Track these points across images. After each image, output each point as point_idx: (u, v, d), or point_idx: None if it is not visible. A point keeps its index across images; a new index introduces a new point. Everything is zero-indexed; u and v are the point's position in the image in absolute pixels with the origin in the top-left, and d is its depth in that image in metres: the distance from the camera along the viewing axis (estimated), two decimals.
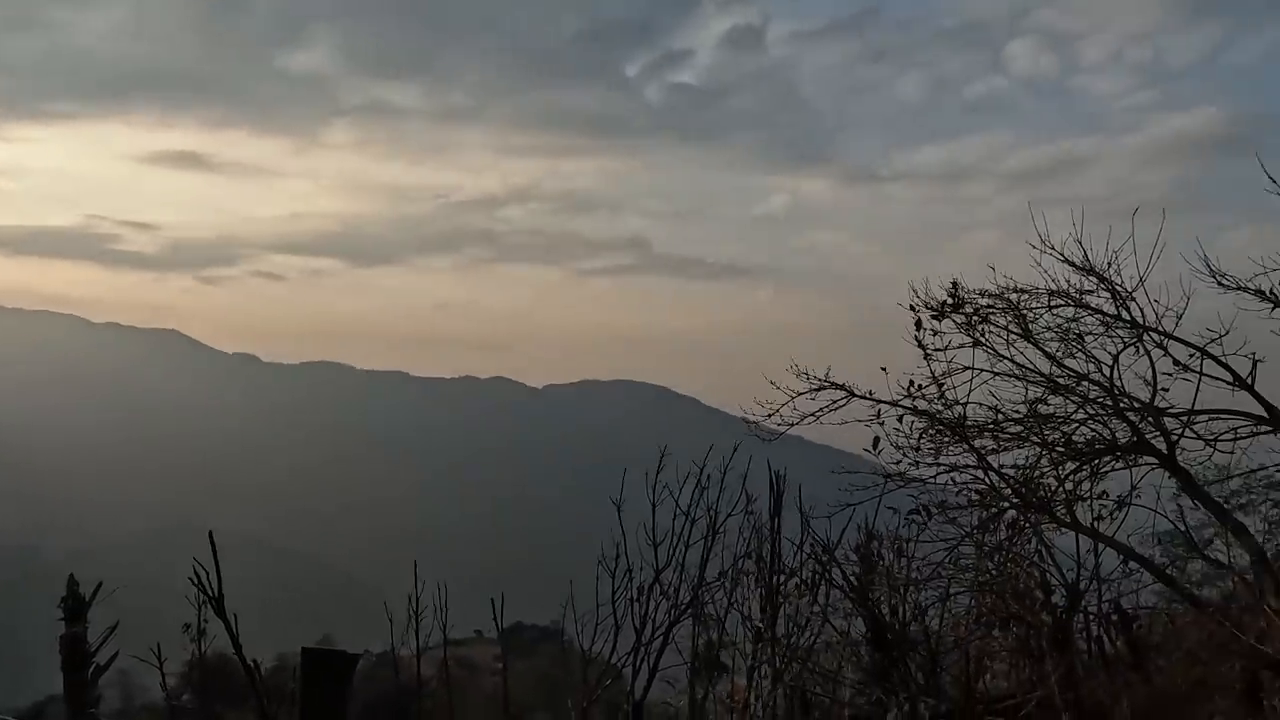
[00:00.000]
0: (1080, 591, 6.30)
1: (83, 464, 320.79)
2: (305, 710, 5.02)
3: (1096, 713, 5.36)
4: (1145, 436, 7.35)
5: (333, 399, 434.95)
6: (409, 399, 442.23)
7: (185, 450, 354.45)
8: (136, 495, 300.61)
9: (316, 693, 5.03)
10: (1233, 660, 6.30)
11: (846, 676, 6.16)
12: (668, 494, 9.33)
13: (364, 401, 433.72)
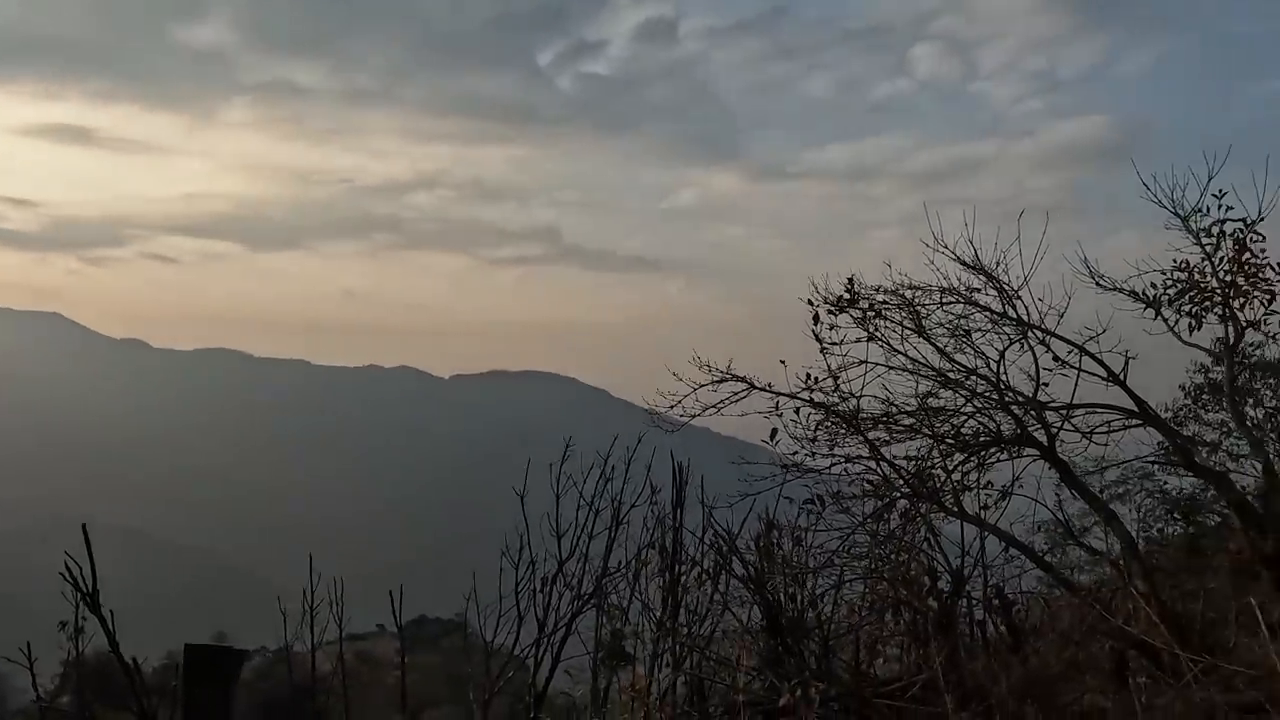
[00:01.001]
0: (965, 578, 6.57)
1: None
2: (189, 709, 4.83)
3: (977, 692, 5.59)
4: (1028, 429, 7.69)
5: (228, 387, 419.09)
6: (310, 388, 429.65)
7: (69, 440, 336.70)
8: (12, 488, 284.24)
9: (200, 691, 4.85)
10: (1103, 641, 6.67)
11: (742, 663, 6.28)
12: (572, 485, 9.35)
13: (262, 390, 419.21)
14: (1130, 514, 21.99)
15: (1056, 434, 7.68)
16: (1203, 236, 7.75)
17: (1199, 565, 7.61)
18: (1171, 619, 6.59)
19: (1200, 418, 23.15)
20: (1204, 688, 5.82)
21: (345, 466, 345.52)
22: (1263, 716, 5.49)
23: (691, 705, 6.33)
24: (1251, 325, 7.63)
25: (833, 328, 7.27)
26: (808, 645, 6.26)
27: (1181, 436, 7.50)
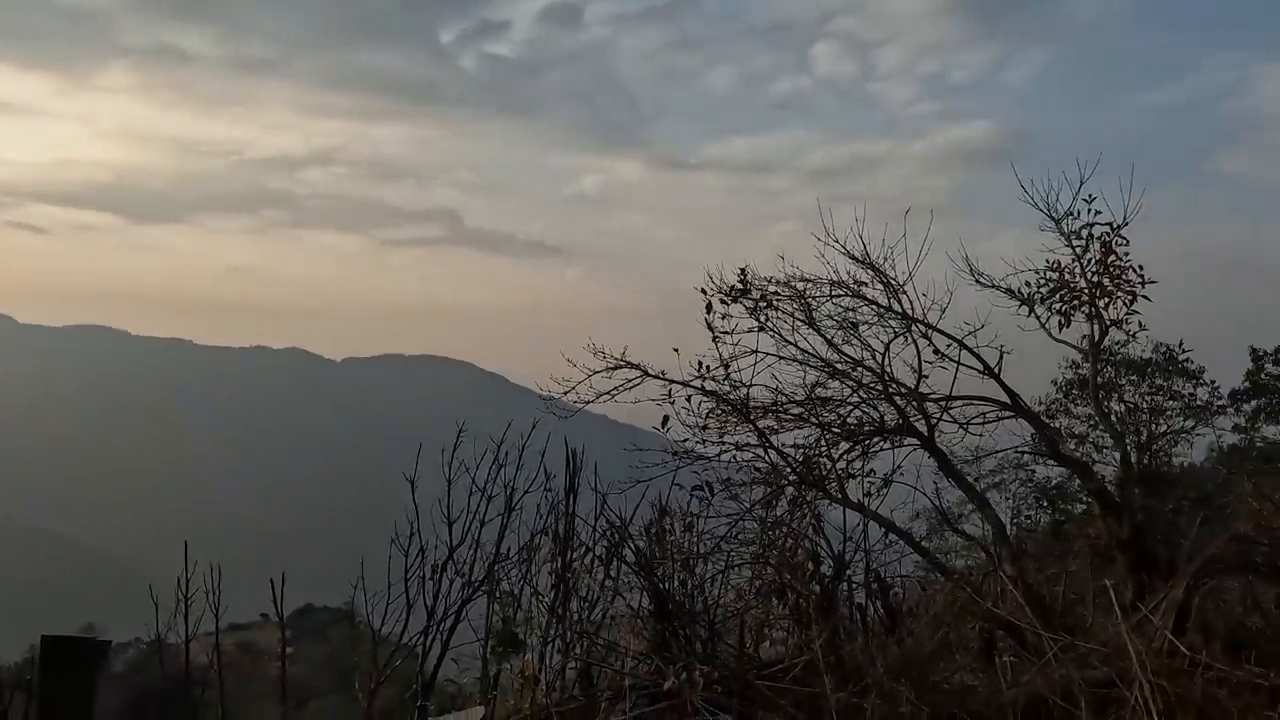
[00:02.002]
0: (846, 563, 6.80)
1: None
2: (44, 703, 4.58)
3: (855, 673, 5.79)
4: (910, 419, 7.99)
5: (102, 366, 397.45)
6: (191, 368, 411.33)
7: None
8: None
9: (57, 684, 4.59)
10: (973, 622, 7.00)
11: (629, 648, 6.34)
12: (465, 471, 9.24)
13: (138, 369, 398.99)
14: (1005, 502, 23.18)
15: (936, 424, 8.00)
16: (1073, 239, 8.20)
17: (1062, 550, 8.07)
18: (1036, 600, 6.97)
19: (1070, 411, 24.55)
20: (1062, 665, 6.17)
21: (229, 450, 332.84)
22: (1113, 690, 5.86)
23: (578, 690, 6.35)
24: (1115, 324, 8.12)
25: (725, 317, 7.40)
26: (694, 629, 6.37)
27: (1049, 428, 7.93)
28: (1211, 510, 7.70)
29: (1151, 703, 5.44)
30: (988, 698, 6.20)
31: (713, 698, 5.60)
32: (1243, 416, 27.12)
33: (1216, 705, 5.86)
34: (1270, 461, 12.16)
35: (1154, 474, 7.84)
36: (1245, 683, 5.92)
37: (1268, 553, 7.16)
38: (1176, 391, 23.40)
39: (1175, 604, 6.48)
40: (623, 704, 5.56)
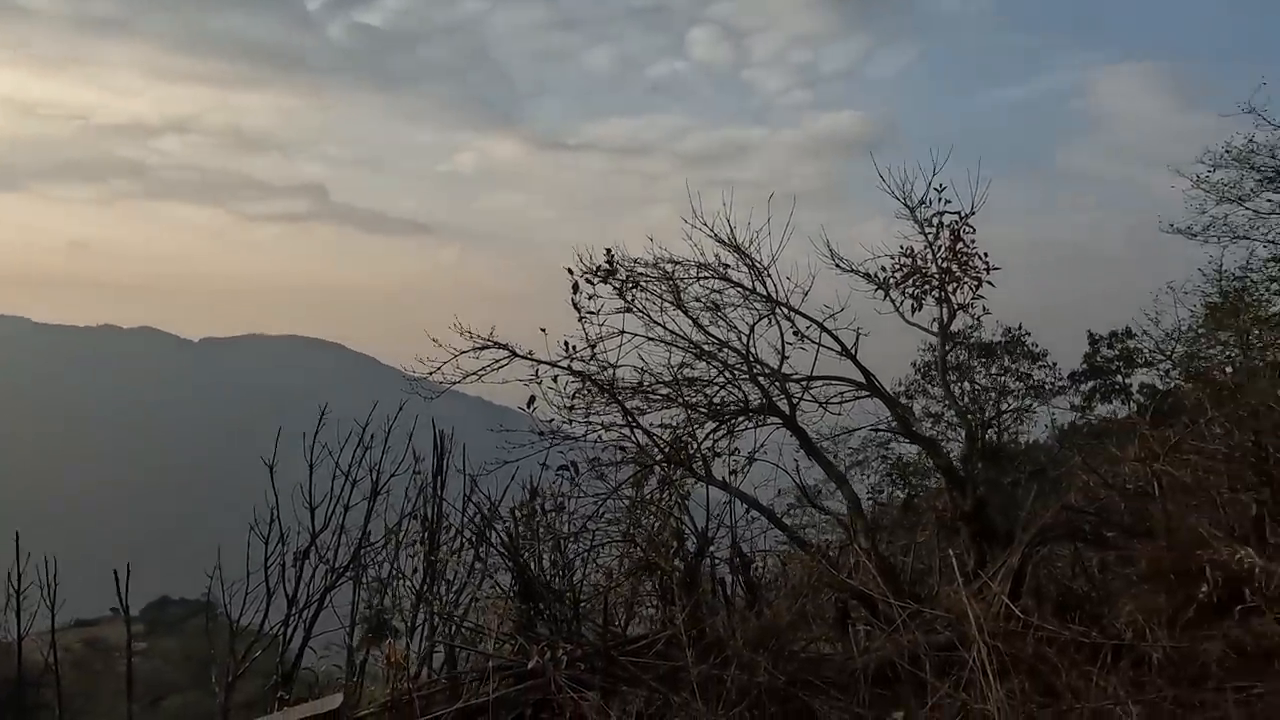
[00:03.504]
0: (710, 539, 6.96)
1: None
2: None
3: (716, 645, 5.96)
4: (772, 399, 8.22)
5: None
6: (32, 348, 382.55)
7: None
8: None
9: None
10: (829, 593, 7.30)
11: (495, 629, 6.33)
12: (328, 455, 8.96)
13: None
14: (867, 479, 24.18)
15: (797, 404, 8.27)
16: (925, 227, 8.61)
17: (913, 523, 8.50)
18: (888, 571, 7.31)
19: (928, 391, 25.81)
20: (910, 631, 6.52)
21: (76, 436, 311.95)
22: (955, 653, 6.23)
23: (443, 673, 6.30)
24: (962, 308, 8.58)
25: (592, 297, 7.42)
26: (560, 609, 6.40)
27: (901, 407, 8.31)
28: (1046, 483, 8.27)
29: (988, 663, 5.81)
30: (841, 664, 6.49)
31: (577, 675, 5.65)
32: (1079, 396, 29.23)
33: (1045, 662, 6.30)
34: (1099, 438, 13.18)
35: (995, 450, 8.37)
36: (1071, 641, 6.40)
37: (1094, 522, 7.74)
38: (1021, 373, 24.99)
39: (1011, 571, 6.92)
40: (487, 685, 5.54)
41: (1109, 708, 5.85)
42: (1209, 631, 6.30)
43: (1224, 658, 6.08)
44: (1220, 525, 7.50)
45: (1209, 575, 6.52)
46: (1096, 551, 7.49)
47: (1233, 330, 15.69)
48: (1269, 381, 8.52)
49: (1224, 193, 30.57)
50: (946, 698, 5.99)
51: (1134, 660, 6.29)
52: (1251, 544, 7.34)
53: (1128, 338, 28.14)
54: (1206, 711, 5.78)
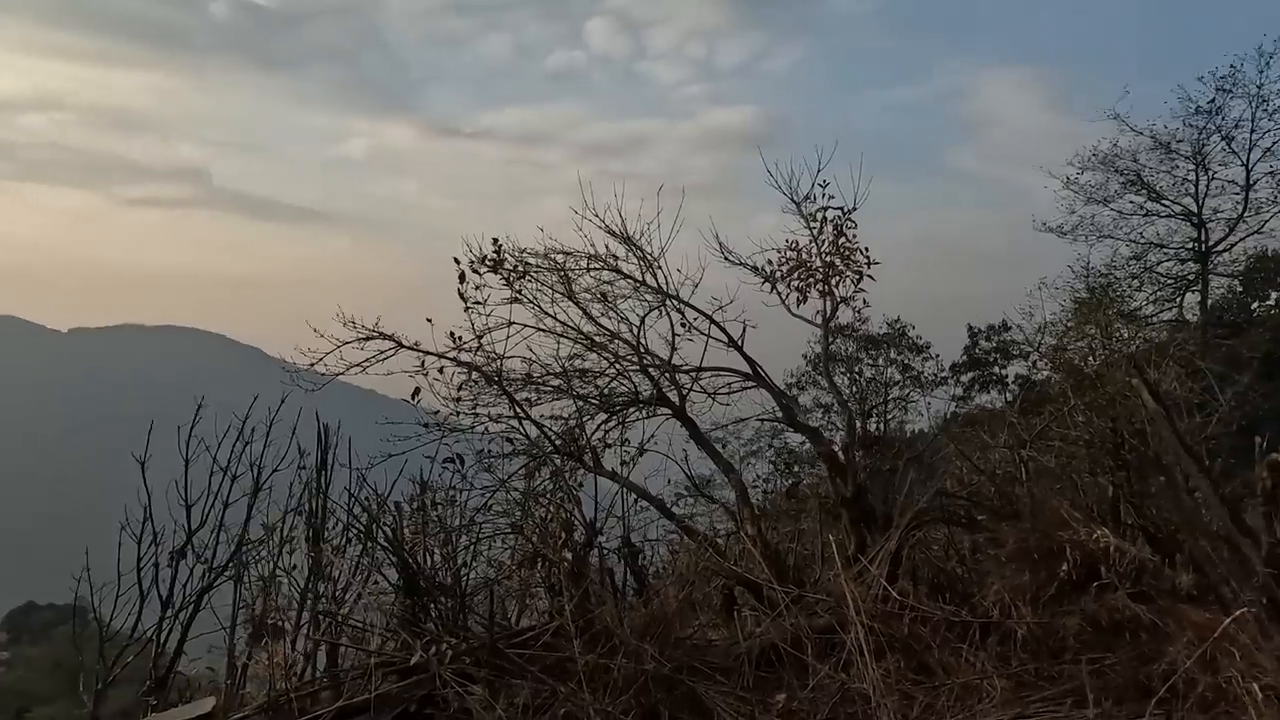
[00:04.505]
0: (598, 530, 7.00)
1: None
2: None
3: (603, 635, 5.99)
4: (663, 390, 8.31)
5: None
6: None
7: None
8: None
9: None
10: (716, 580, 7.44)
11: (379, 627, 6.22)
12: (204, 449, 8.62)
13: None
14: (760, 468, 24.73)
15: (687, 394, 8.39)
16: (810, 221, 8.84)
17: (797, 510, 8.73)
18: (773, 557, 7.49)
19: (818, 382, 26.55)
20: (792, 615, 6.71)
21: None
22: (836, 635, 6.44)
23: (325, 672, 6.15)
24: (844, 301, 8.86)
25: (479, 288, 7.34)
26: (446, 603, 6.33)
27: (787, 397, 8.52)
28: (923, 470, 8.61)
29: (865, 643, 6.03)
30: (726, 649, 6.62)
31: (463, 669, 5.60)
32: (960, 387, 30.61)
33: (919, 641, 6.59)
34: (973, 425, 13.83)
35: (875, 438, 8.68)
36: (943, 620, 6.70)
37: (966, 506, 8.10)
38: (905, 364, 26.01)
39: (889, 554, 7.19)
40: (368, 683, 5.44)
41: (977, 682, 6.16)
42: (1068, 607, 6.67)
43: (1080, 631, 6.46)
44: (1080, 507, 7.96)
45: (1069, 554, 6.89)
46: (968, 534, 7.84)
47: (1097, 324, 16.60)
48: (1125, 372, 9.05)
49: (1091, 194, 32.57)
50: (827, 678, 6.19)
51: (1001, 636, 6.62)
52: (1108, 524, 7.81)
53: (1004, 331, 29.65)
54: (1064, 682, 6.13)
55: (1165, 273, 32.31)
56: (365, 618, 7.03)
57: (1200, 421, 9.81)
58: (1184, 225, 31.76)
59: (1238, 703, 5.40)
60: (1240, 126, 29.87)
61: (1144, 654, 6.16)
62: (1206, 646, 5.77)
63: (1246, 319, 31.39)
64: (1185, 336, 25.84)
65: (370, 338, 7.20)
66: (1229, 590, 7.66)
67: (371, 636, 6.12)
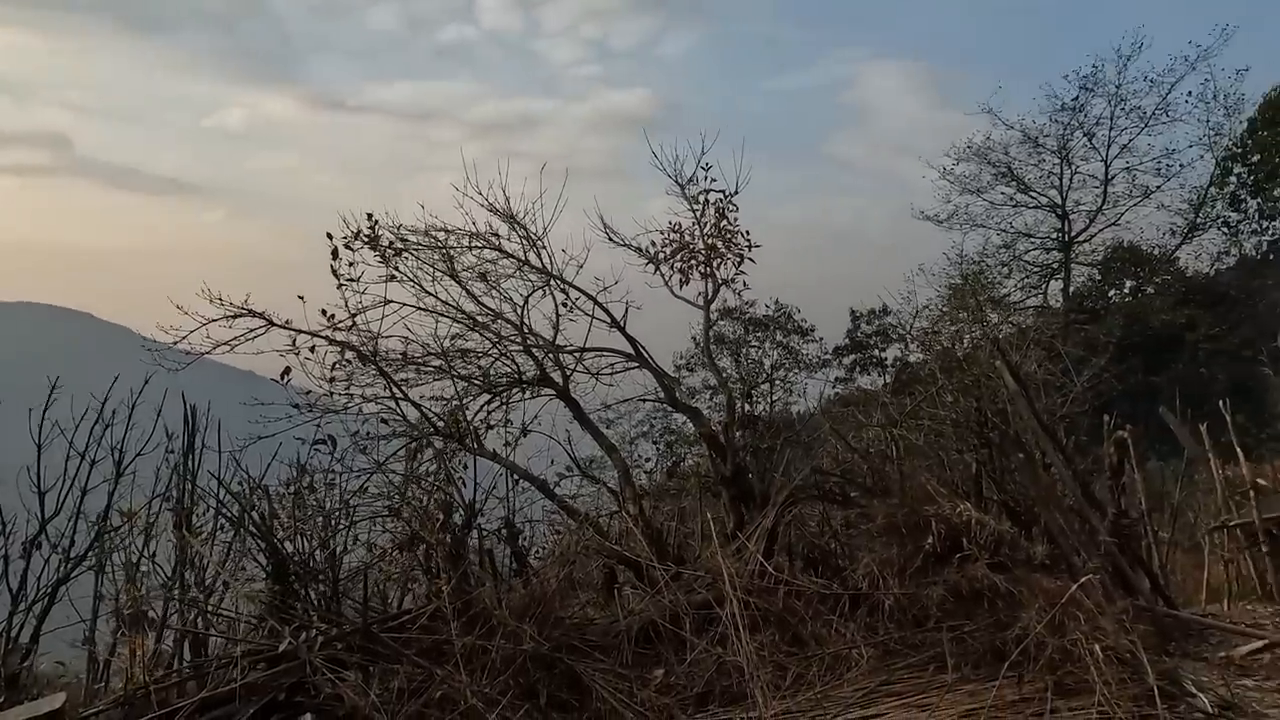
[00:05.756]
0: (478, 511, 6.93)
1: None
2: None
3: (482, 616, 5.95)
4: (546, 371, 8.28)
5: None
6: None
7: None
8: None
9: None
10: (597, 559, 7.49)
11: (244, 615, 6.00)
12: (59, 433, 8.16)
13: None
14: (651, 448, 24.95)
15: (570, 375, 8.37)
16: (694, 204, 8.94)
17: (679, 489, 8.86)
18: (654, 536, 7.59)
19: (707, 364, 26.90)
20: (672, 592, 6.81)
21: None
22: (712, 610, 6.58)
23: (188, 662, 5.91)
24: (725, 283, 9.00)
25: (353, 264, 7.12)
26: (318, 588, 6.17)
27: (669, 378, 8.61)
28: (800, 449, 8.86)
29: (740, 618, 6.17)
30: (606, 628, 6.68)
31: (335, 655, 5.47)
32: (842, 369, 31.58)
33: (794, 614, 6.79)
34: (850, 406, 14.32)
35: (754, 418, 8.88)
36: (815, 593, 6.93)
37: (840, 483, 8.38)
38: (790, 346, 26.65)
39: (766, 531, 7.38)
40: (234, 672, 5.25)
41: (846, 651, 6.40)
42: (932, 578, 6.98)
43: (943, 601, 6.77)
44: (946, 483, 8.34)
45: (934, 528, 7.20)
46: (842, 510, 8.10)
47: (968, 309, 17.37)
48: (990, 355, 9.51)
49: (965, 185, 34.03)
50: (704, 653, 6.32)
51: (870, 607, 6.89)
52: (971, 499, 8.22)
53: (884, 315, 30.70)
54: (927, 649, 6.44)
55: (1032, 261, 34.08)
56: (235, 606, 6.79)
57: (1057, 401, 10.41)
58: (1050, 216, 33.56)
59: (1081, 663, 5.76)
60: (1100, 124, 31.70)
61: (1000, 620, 6.50)
62: (1055, 612, 6.14)
63: (1104, 306, 33.43)
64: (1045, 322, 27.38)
65: (239, 315, 6.90)
66: (1079, 558, 8.18)
67: (239, 625, 5.91)
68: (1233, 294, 32.88)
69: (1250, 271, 33.57)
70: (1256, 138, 32.04)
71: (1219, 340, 31.10)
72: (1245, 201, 33.12)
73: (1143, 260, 33.44)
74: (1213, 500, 14.18)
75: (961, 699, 5.67)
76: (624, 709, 5.67)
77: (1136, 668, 5.80)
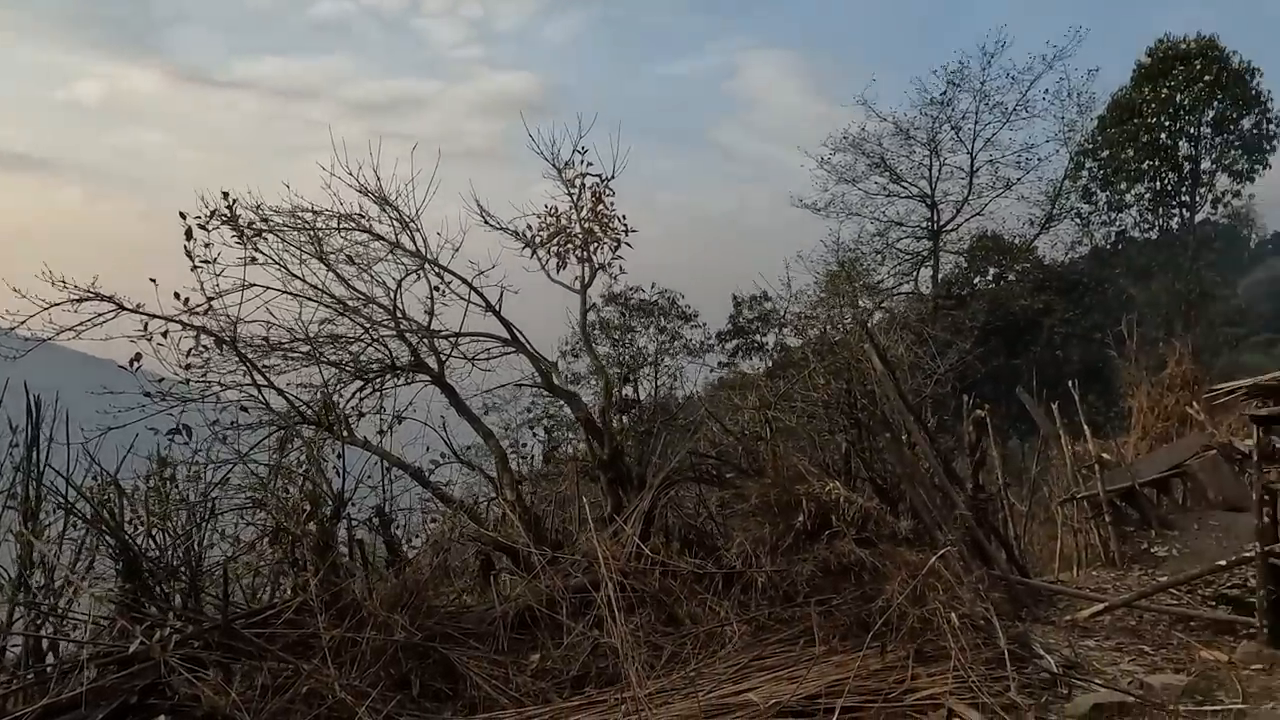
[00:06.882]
0: (347, 501, 6.74)
1: None
2: None
3: (351, 608, 5.80)
4: (421, 356, 8.10)
5: None
6: None
7: None
8: None
9: None
10: (473, 545, 7.40)
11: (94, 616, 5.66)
12: None
13: None
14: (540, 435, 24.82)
15: (446, 360, 8.22)
16: (570, 187, 8.88)
17: (557, 473, 8.85)
18: (531, 522, 7.55)
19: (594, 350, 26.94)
20: (548, 576, 6.80)
21: None
22: (589, 594, 6.60)
23: (29, 668, 5.54)
24: (602, 267, 9.00)
25: (209, 245, 6.76)
26: (174, 585, 5.88)
27: (546, 362, 8.56)
28: (678, 432, 8.98)
29: (616, 600, 6.21)
30: (482, 615, 6.62)
31: (192, 654, 5.23)
32: (725, 353, 32.18)
33: (669, 594, 6.88)
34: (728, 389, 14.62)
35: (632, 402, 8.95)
36: (690, 573, 7.04)
37: (715, 464, 8.53)
38: (673, 331, 26.99)
39: (643, 513, 7.45)
40: (80, 676, 4.95)
41: (719, 629, 6.52)
42: (803, 555, 7.19)
43: (813, 576, 6.99)
44: (817, 462, 8.60)
45: (805, 506, 7.41)
46: (717, 491, 8.25)
47: (843, 295, 17.92)
48: (859, 338, 9.84)
49: (841, 174, 35.10)
50: (580, 635, 6.33)
51: (743, 585, 7.05)
52: (840, 477, 8.49)
53: (765, 301, 31.38)
54: (798, 624, 6.63)
55: (904, 249, 35.48)
56: (86, 607, 6.40)
57: (922, 382, 10.87)
58: (920, 206, 35.00)
59: (939, 631, 6.04)
60: (966, 118, 33.23)
61: (866, 593, 6.75)
62: (916, 583, 6.42)
63: (970, 292, 35.10)
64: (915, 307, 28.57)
65: (85, 299, 6.47)
66: (940, 532, 8.58)
67: (87, 626, 5.57)
68: (1085, 281, 35.11)
69: (1101, 260, 35.89)
70: (1106, 135, 34.21)
71: (1073, 325, 33.18)
72: (1096, 194, 35.35)
73: (1005, 249, 35.25)
74: (1064, 475, 15.13)
75: (829, 670, 5.86)
76: (499, 695, 5.63)
77: (990, 633, 6.13)
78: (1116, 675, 6.30)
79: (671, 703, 5.40)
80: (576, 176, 8.76)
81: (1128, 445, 19.58)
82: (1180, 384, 20.36)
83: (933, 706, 5.33)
